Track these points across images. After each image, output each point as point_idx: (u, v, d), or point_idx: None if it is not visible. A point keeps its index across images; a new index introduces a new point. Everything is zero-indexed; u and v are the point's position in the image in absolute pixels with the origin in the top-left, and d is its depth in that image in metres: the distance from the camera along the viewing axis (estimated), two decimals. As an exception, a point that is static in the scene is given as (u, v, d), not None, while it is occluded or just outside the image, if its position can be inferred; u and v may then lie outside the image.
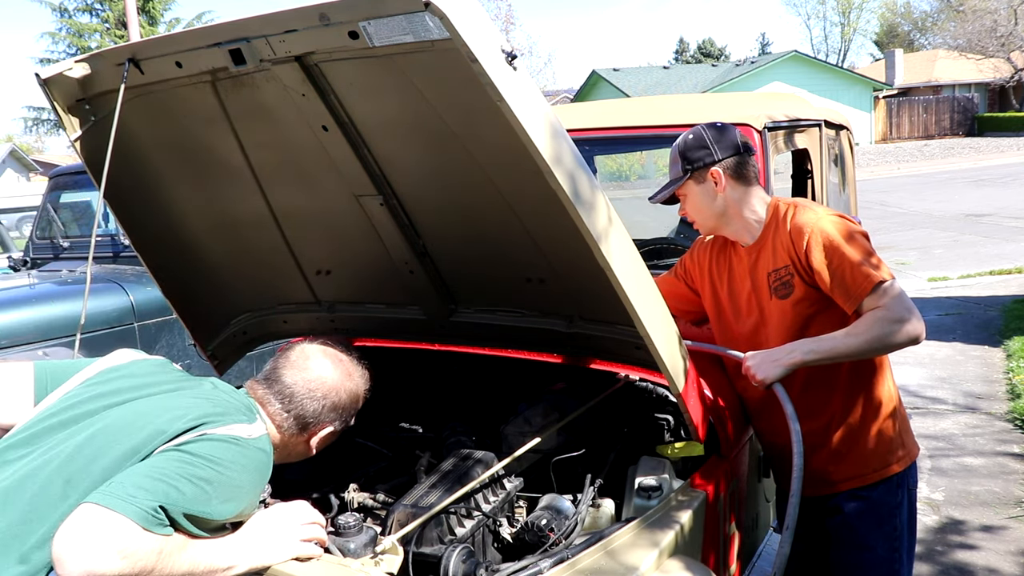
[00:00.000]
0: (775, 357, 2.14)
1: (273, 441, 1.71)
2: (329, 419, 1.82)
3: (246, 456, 1.55)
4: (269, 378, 1.80)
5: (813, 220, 2.16)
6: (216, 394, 1.67)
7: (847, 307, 2.12)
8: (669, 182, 2.33)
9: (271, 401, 1.77)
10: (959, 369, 6.53)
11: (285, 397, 1.77)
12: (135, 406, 1.57)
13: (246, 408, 1.68)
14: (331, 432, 1.85)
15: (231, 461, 1.50)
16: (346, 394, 1.84)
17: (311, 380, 1.79)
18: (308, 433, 1.81)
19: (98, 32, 31.50)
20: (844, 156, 4.33)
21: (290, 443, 1.80)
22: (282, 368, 1.81)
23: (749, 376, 2.16)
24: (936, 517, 4.10)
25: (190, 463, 1.43)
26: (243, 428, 1.57)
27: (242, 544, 1.51)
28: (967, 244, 12.39)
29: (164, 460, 1.43)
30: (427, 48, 1.59)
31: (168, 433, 1.48)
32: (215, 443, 1.49)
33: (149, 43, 1.92)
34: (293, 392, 1.77)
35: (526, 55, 34.83)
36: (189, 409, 1.54)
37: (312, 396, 1.78)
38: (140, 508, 1.31)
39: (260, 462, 1.59)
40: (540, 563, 1.67)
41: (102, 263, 5.40)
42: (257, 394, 1.78)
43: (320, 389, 1.79)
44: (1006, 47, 35.69)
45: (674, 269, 2.58)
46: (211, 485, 1.43)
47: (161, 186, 2.38)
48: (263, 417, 1.73)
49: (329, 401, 1.80)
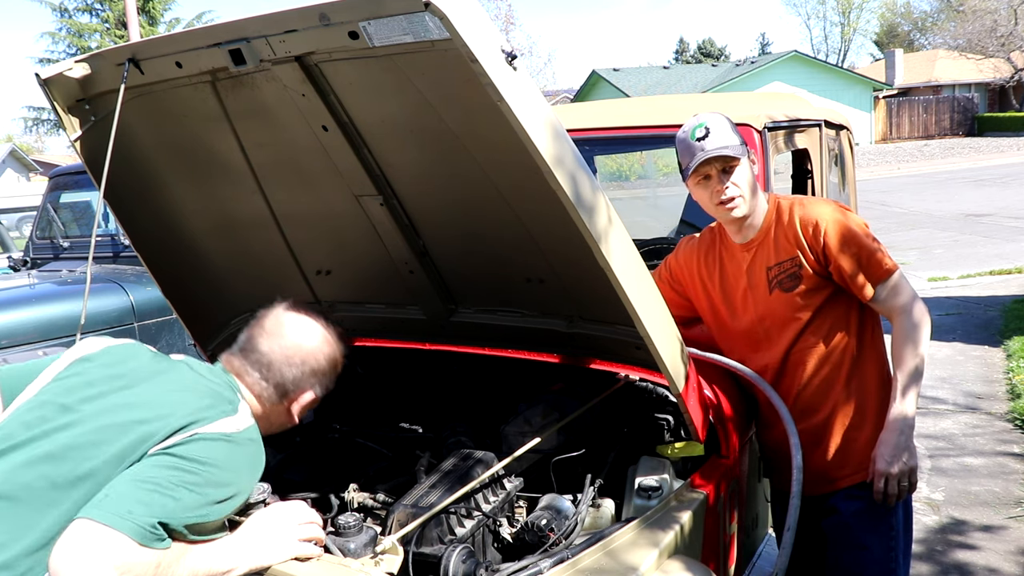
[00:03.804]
0: (898, 444, 2.14)
1: (255, 413, 1.68)
2: (309, 384, 1.79)
3: (239, 452, 1.53)
4: (245, 348, 1.76)
5: (826, 212, 2.20)
6: (196, 380, 1.63)
7: (863, 294, 2.18)
8: (729, 144, 2.16)
9: (249, 372, 1.73)
10: (959, 369, 6.53)
11: (263, 366, 1.73)
12: (116, 401, 1.52)
13: (227, 387, 1.65)
14: (312, 399, 1.81)
15: (225, 460, 1.48)
16: (324, 358, 1.81)
17: (288, 347, 1.75)
18: (288, 400, 1.78)
19: (98, 32, 31.51)
20: (844, 156, 4.33)
21: (272, 413, 1.77)
22: (257, 337, 1.77)
23: (891, 476, 2.15)
24: (936, 517, 4.10)
25: (185, 469, 1.41)
26: (231, 422, 1.54)
27: (241, 545, 1.51)
28: (967, 244, 12.38)
29: (158, 468, 1.40)
30: (427, 48, 1.59)
31: (157, 436, 1.45)
32: (207, 443, 1.47)
33: (149, 43, 1.92)
34: (271, 360, 1.74)
35: (526, 55, 34.82)
36: (175, 406, 1.50)
37: (290, 363, 1.75)
38: (138, 525, 1.29)
39: (253, 454, 1.58)
40: (540, 563, 1.67)
41: (102, 263, 5.40)
42: (234, 366, 1.74)
43: (298, 355, 1.76)
44: (1006, 47, 35.69)
45: (658, 271, 2.56)
46: (207, 488, 1.42)
47: (161, 186, 2.38)
48: (243, 393, 1.70)
49: (308, 367, 1.77)
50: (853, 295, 2.22)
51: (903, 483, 2.15)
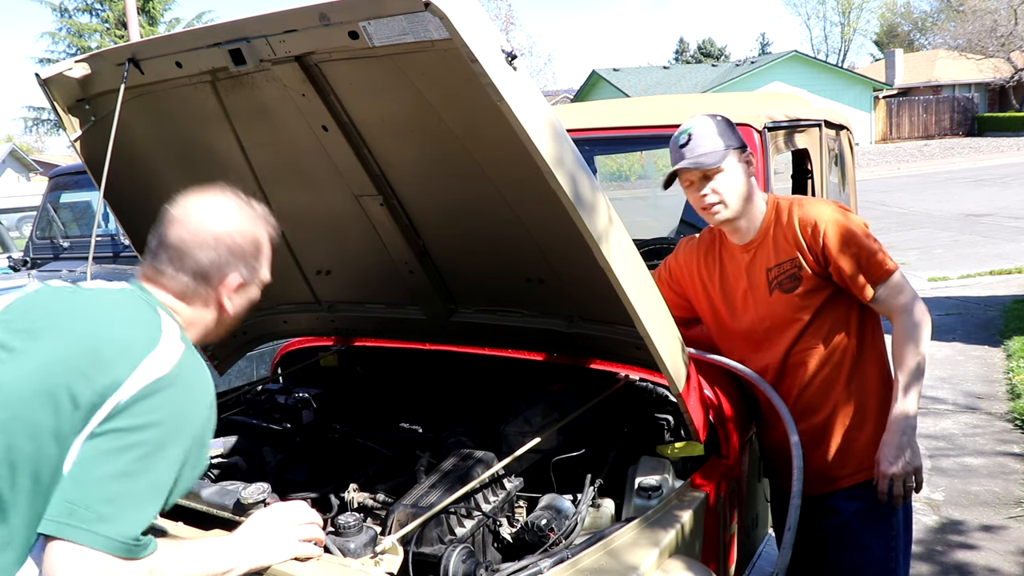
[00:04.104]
0: (901, 445, 2.14)
1: (185, 321, 1.54)
2: (231, 267, 1.59)
3: (187, 389, 1.38)
4: (154, 249, 1.59)
5: (826, 212, 2.20)
6: (110, 313, 1.46)
7: (863, 294, 2.18)
8: (708, 152, 2.15)
9: (162, 270, 1.55)
10: (959, 369, 6.53)
11: (175, 257, 1.55)
12: (32, 362, 1.35)
13: (143, 305, 1.49)
14: (241, 284, 1.61)
15: (178, 409, 1.35)
16: (241, 236, 1.60)
17: (196, 230, 1.57)
18: (214, 292, 1.58)
19: (98, 32, 31.50)
20: (844, 156, 4.33)
21: (202, 315, 1.59)
22: (164, 231, 1.58)
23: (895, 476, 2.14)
24: (936, 517, 4.09)
25: (139, 444, 1.29)
26: (162, 358, 1.37)
27: (240, 545, 1.50)
28: (967, 244, 12.38)
29: (112, 457, 1.28)
30: (427, 48, 1.59)
31: (84, 407, 1.29)
32: (149, 401, 1.32)
33: (149, 43, 1.92)
34: (180, 247, 1.55)
35: (526, 55, 34.83)
36: (98, 362, 1.33)
37: (203, 245, 1.56)
38: (118, 541, 1.24)
39: (200, 381, 1.42)
40: (540, 563, 1.67)
41: (102, 263, 5.39)
42: (147, 275, 1.57)
43: (210, 235, 1.57)
44: (1006, 47, 35.68)
45: (657, 272, 2.55)
46: (171, 450, 1.32)
47: (161, 186, 2.37)
48: (163, 302, 1.53)
49: (224, 246, 1.57)
50: (853, 296, 2.22)
51: (908, 483, 2.15)
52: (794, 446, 2.15)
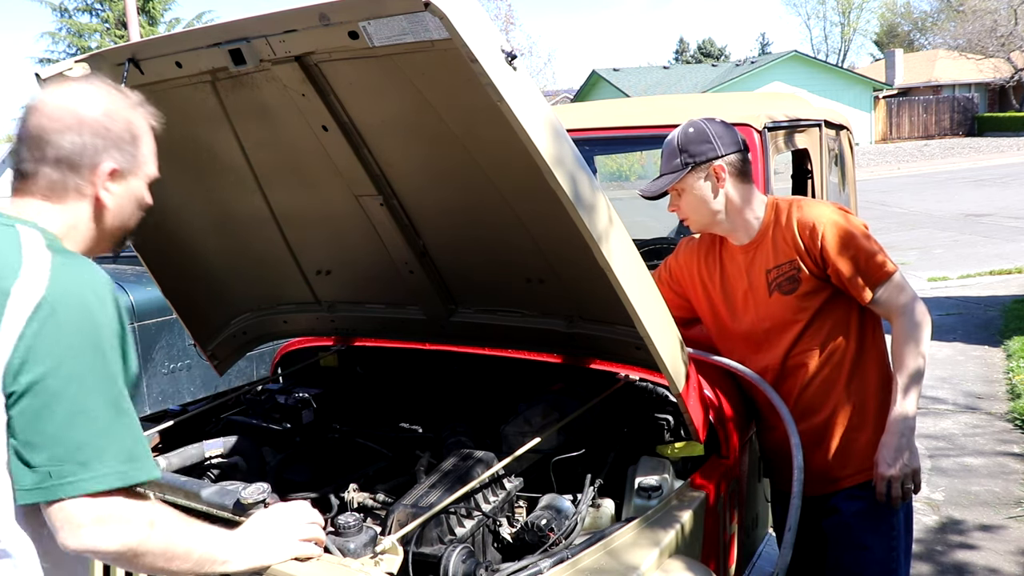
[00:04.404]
0: (899, 446, 2.14)
1: (61, 232, 1.39)
2: (103, 152, 1.41)
3: (74, 307, 1.25)
4: (13, 148, 1.43)
5: (824, 214, 2.19)
6: None
7: (863, 296, 2.18)
8: (664, 174, 2.25)
9: (25, 170, 1.38)
10: (959, 369, 6.53)
11: (35, 147, 1.37)
12: None
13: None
14: (116, 171, 1.43)
15: (76, 329, 1.24)
16: (109, 119, 1.41)
17: (56, 114, 1.39)
18: (87, 182, 1.40)
19: (98, 32, 31.47)
20: (844, 156, 4.33)
21: (78, 214, 1.42)
22: (25, 122, 1.41)
23: (894, 478, 2.14)
24: (936, 517, 4.10)
25: (65, 386, 1.21)
26: (31, 282, 1.23)
27: (240, 541, 1.50)
28: (967, 244, 12.38)
29: (49, 411, 1.20)
30: (427, 48, 1.59)
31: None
32: (41, 342, 1.21)
33: (149, 43, 1.92)
34: (40, 135, 1.37)
35: (526, 55, 34.82)
36: None
37: (65, 129, 1.37)
38: (110, 475, 1.23)
39: (85, 287, 1.29)
40: (540, 563, 1.67)
41: (102, 263, 5.38)
42: (13, 187, 1.41)
43: (72, 118, 1.39)
44: (1006, 47, 35.69)
45: (657, 272, 2.55)
46: (99, 369, 1.25)
47: (161, 186, 2.36)
48: (21, 222, 1.35)
49: (89, 130, 1.39)
50: (852, 297, 2.22)
51: (907, 485, 2.15)
52: (794, 446, 2.15)
